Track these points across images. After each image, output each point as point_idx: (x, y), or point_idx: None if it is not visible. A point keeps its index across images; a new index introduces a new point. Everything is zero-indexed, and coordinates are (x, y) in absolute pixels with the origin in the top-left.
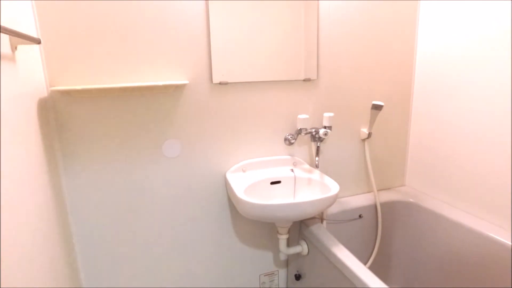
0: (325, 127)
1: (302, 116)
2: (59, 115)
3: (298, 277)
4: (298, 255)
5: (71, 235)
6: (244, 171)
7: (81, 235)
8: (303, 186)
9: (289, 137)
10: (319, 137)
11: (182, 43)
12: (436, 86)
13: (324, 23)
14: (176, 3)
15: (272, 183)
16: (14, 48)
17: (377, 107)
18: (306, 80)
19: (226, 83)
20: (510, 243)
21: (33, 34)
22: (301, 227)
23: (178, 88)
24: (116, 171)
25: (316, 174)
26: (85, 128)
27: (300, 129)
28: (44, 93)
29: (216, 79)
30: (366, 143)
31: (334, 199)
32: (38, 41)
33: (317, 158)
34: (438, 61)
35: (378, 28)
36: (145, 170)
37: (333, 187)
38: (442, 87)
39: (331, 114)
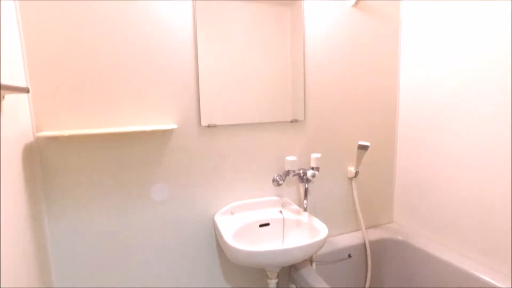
0: (312, 168)
1: (290, 158)
2: (45, 159)
3: None
4: None
5: (51, 282)
6: (232, 213)
7: (62, 281)
8: (292, 229)
9: (277, 178)
10: (307, 179)
11: (171, 87)
12: (420, 124)
13: (311, 65)
14: (165, 48)
15: (261, 225)
16: (1, 98)
17: (363, 147)
18: (294, 121)
19: (214, 126)
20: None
21: (22, 81)
22: (290, 270)
23: (166, 132)
24: (102, 216)
25: (305, 216)
26: (70, 172)
27: (288, 170)
28: (30, 138)
29: (204, 122)
30: (353, 181)
31: (323, 243)
32: (26, 90)
33: (305, 201)
34: (421, 100)
35: (362, 71)
36: (132, 214)
37: (322, 230)
38: (426, 125)
39: (318, 155)
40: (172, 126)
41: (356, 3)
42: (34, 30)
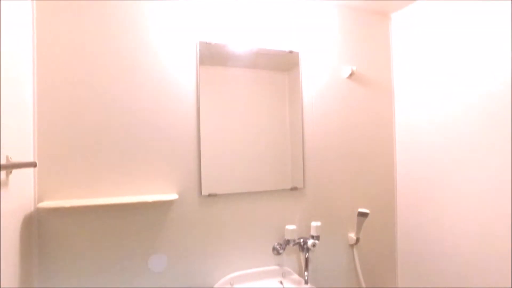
0: (313, 237)
1: (290, 227)
2: (43, 230)
3: None
4: None
5: None
6: (232, 284)
7: None
8: None
9: (278, 246)
10: (307, 248)
11: (173, 157)
12: (419, 188)
13: (309, 132)
14: (168, 117)
15: None
16: (9, 173)
17: (363, 215)
18: (293, 189)
19: (215, 195)
20: None
21: (30, 154)
22: None
23: (167, 202)
24: (97, 286)
25: (307, 286)
26: (68, 244)
27: (288, 240)
28: (31, 209)
29: (205, 191)
30: (354, 248)
31: None
32: (34, 165)
33: (306, 273)
34: (418, 165)
35: (359, 137)
36: (129, 284)
37: None
38: (425, 189)
39: (319, 224)
40: (173, 196)
41: (350, 75)
42: (46, 110)
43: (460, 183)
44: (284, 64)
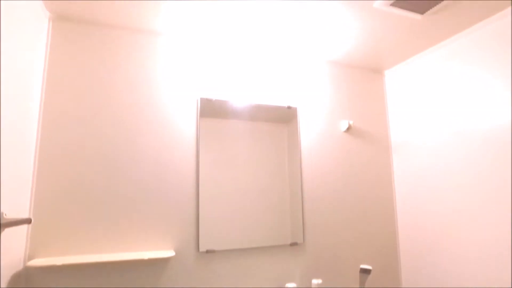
0: None
1: (289, 285)
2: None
3: None
4: None
5: None
6: None
7: None
8: None
9: None
10: None
11: (171, 213)
12: (421, 238)
13: (308, 186)
14: (166, 173)
15: None
16: (2, 230)
17: (365, 271)
18: (293, 244)
19: (213, 251)
20: None
21: (25, 210)
22: None
23: (163, 259)
24: None
25: None
26: None
27: None
28: (20, 267)
29: (202, 248)
30: None
31: None
32: (29, 222)
33: None
34: (419, 220)
35: (359, 191)
36: None
37: None
38: (427, 240)
39: (320, 281)
40: (170, 253)
41: (347, 129)
42: (46, 166)
43: (462, 235)
44: (283, 117)
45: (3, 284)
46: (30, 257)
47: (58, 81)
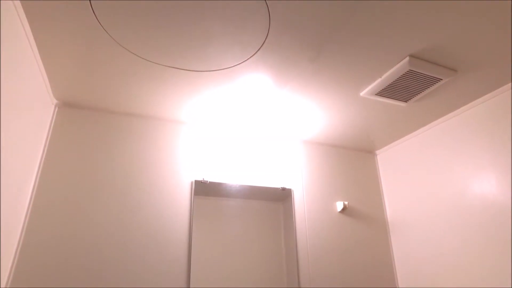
0: None
1: None
2: None
3: None
4: None
5: None
6: None
7: None
8: None
9: None
10: None
11: None
12: None
13: (304, 269)
14: (157, 253)
15: None
16: None
17: None
18: None
19: None
20: None
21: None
22: None
23: None
24: None
25: None
26: None
27: None
28: None
29: None
30: None
31: None
32: None
33: None
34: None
35: (358, 271)
36: None
37: None
38: None
39: None
40: None
41: (343, 209)
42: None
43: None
44: (278, 196)
45: None
46: None
47: (55, 164)
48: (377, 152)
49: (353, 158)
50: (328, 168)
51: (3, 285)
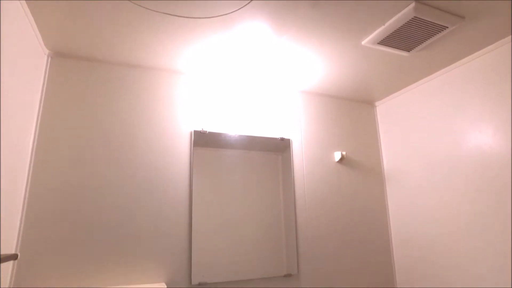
0: None
1: None
2: None
3: None
4: None
5: None
6: None
7: None
8: None
9: None
10: None
11: (163, 245)
12: (417, 266)
13: (302, 217)
14: (158, 205)
15: None
16: None
17: None
18: (287, 275)
19: (205, 284)
20: None
21: (12, 244)
22: None
23: None
24: None
25: None
26: None
27: None
28: None
29: (195, 280)
30: None
31: None
32: (15, 257)
33: None
34: (415, 242)
35: (354, 218)
36: None
37: None
38: (423, 268)
39: None
40: (161, 286)
41: (340, 159)
42: (36, 201)
43: (459, 262)
44: (277, 147)
45: None
46: None
47: (53, 114)
48: (377, 103)
49: (352, 109)
50: (327, 119)
51: (15, 233)
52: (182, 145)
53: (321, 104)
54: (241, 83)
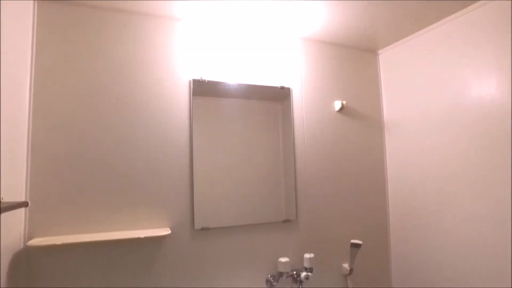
0: (306, 269)
1: (282, 259)
2: (31, 267)
3: None
4: None
5: None
6: None
7: None
8: None
9: (271, 279)
10: (301, 281)
11: (165, 192)
12: (411, 217)
13: (301, 166)
14: (160, 153)
15: None
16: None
17: (356, 246)
18: (286, 221)
19: (208, 228)
20: None
21: (22, 193)
22: None
23: (159, 237)
24: None
25: None
26: (57, 278)
27: (281, 272)
28: (20, 247)
29: (198, 225)
30: (348, 279)
31: None
32: (26, 205)
33: None
34: (409, 194)
35: (351, 168)
36: None
37: None
38: (417, 218)
39: (312, 255)
40: (166, 232)
41: (341, 109)
42: (40, 148)
43: (454, 211)
44: (277, 96)
45: (5, 262)
46: (30, 238)
47: (48, 62)
48: (379, 52)
49: (354, 57)
50: (328, 67)
51: (22, 181)
52: (182, 94)
53: (323, 52)
54: (241, 30)
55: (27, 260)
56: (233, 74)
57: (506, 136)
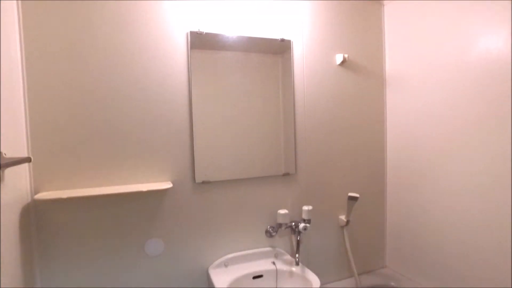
0: (304, 221)
1: (282, 211)
2: (40, 220)
3: None
4: None
5: None
6: (226, 266)
7: None
8: (285, 280)
9: (270, 229)
10: (299, 231)
11: (166, 146)
12: (408, 171)
13: (300, 118)
14: (159, 107)
15: (255, 277)
16: (2, 170)
17: (353, 198)
18: (285, 174)
19: (208, 182)
20: None
21: (24, 148)
22: None
23: (161, 190)
24: (96, 272)
25: (298, 266)
26: (64, 230)
27: (280, 223)
28: (28, 200)
29: (199, 179)
30: (345, 229)
31: None
32: (29, 160)
33: (297, 255)
34: (407, 148)
35: (350, 123)
36: (126, 270)
37: (314, 282)
38: (414, 173)
39: (310, 207)
40: (168, 185)
41: (342, 62)
42: (38, 104)
43: (451, 169)
44: (277, 48)
45: (15, 215)
46: (36, 192)
47: (37, 15)
48: (385, 2)
49: (358, 8)
50: (330, 19)
51: (23, 137)
52: (179, 47)
53: (325, 3)
54: None
55: (35, 212)
56: (232, 26)
57: (507, 91)
